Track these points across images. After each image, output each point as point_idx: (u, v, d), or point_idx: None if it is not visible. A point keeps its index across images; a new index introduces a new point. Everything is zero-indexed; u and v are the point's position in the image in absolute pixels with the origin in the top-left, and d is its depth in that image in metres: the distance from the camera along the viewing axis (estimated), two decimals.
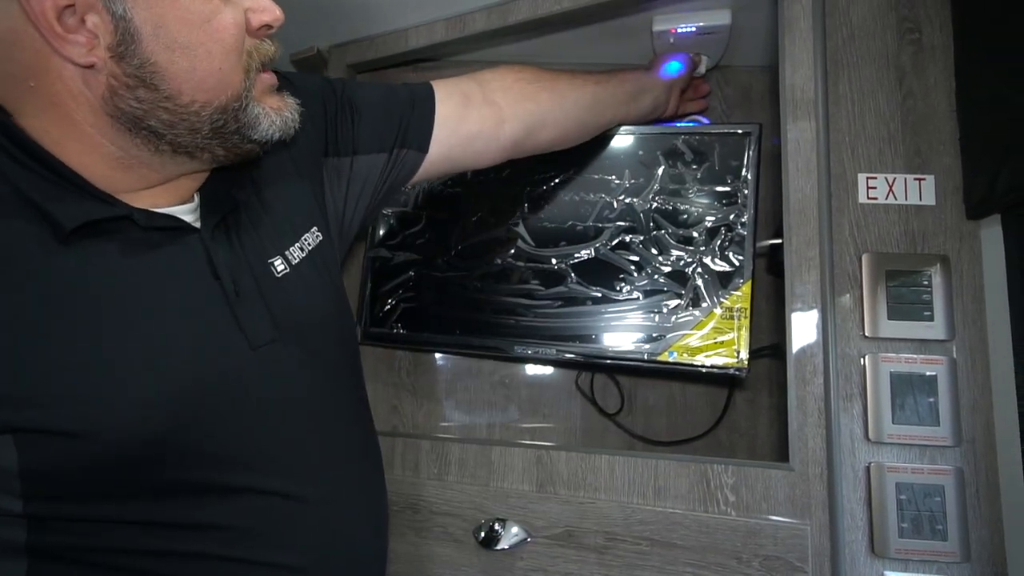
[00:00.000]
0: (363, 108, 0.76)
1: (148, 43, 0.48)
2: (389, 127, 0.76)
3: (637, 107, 1.00)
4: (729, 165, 0.99)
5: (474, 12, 1.09)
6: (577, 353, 1.02)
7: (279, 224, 0.65)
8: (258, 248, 0.62)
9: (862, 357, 0.77)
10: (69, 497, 0.50)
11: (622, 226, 1.03)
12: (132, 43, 0.48)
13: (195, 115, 0.52)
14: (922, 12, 0.82)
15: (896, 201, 0.79)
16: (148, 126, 0.51)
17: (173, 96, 0.50)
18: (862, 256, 0.79)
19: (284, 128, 0.58)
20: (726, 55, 1.13)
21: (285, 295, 0.62)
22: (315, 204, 0.70)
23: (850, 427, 0.75)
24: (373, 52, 1.18)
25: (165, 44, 0.49)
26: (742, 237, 0.97)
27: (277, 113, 0.58)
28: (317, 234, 0.68)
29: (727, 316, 0.95)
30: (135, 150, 0.52)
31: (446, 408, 1.19)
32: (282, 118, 0.58)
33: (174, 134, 0.52)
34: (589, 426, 1.15)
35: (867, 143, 0.81)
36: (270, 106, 0.57)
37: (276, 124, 0.57)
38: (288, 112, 0.59)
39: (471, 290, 1.09)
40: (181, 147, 0.53)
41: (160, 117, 0.51)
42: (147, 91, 0.50)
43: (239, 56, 0.53)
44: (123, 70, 0.48)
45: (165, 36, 0.48)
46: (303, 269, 0.65)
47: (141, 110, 0.50)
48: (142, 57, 0.48)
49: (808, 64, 0.84)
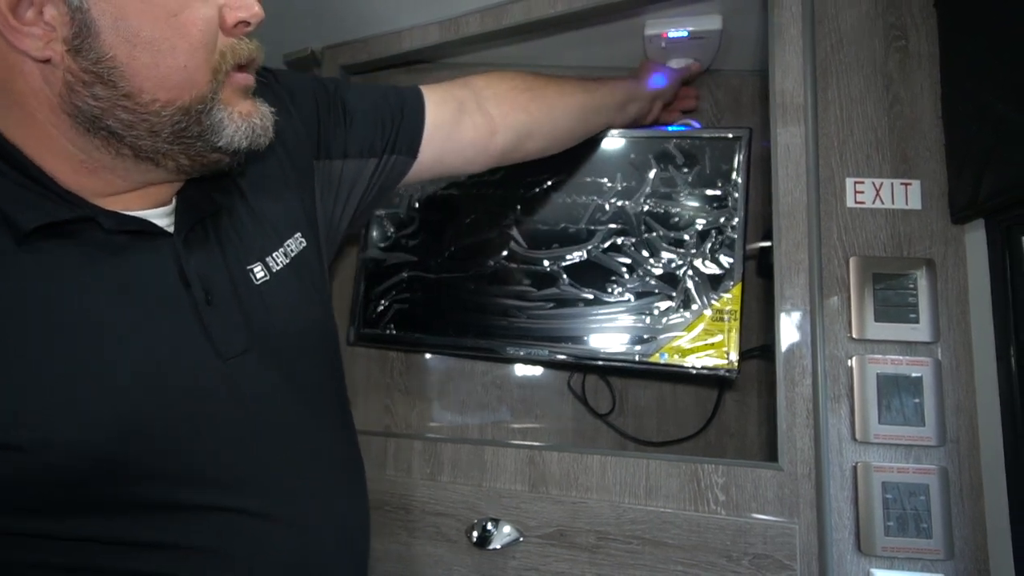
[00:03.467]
0: (355, 112, 0.74)
1: (107, 37, 0.45)
2: (380, 132, 0.74)
3: (623, 116, 1.03)
4: (720, 169, 1.01)
5: (468, 15, 1.09)
6: (569, 354, 1.03)
7: (263, 229, 0.62)
8: (238, 254, 0.59)
9: (849, 358, 0.78)
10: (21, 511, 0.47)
11: (614, 228, 1.04)
12: (89, 36, 0.45)
13: (155, 115, 0.49)
14: (909, 20, 0.83)
15: (883, 205, 0.80)
16: (107, 126, 0.48)
17: (132, 94, 0.47)
18: (850, 259, 0.80)
19: (252, 137, 0.54)
20: (717, 60, 1.15)
21: (263, 303, 0.59)
22: (302, 209, 0.68)
23: (838, 427, 0.77)
24: (367, 54, 1.18)
25: (125, 38, 0.46)
26: (732, 240, 0.98)
27: (245, 119, 0.53)
28: (301, 240, 0.66)
29: (717, 318, 0.96)
30: (96, 152, 0.50)
31: (438, 409, 1.20)
32: (249, 124, 0.53)
33: (133, 136, 0.49)
34: (581, 427, 1.16)
35: (855, 148, 0.83)
36: (238, 111, 0.53)
37: (242, 131, 0.53)
38: (257, 119, 0.54)
39: (464, 291, 1.09)
40: (143, 152, 0.50)
41: (119, 116, 0.48)
42: (104, 88, 0.47)
43: (207, 54, 0.50)
44: (80, 65, 0.46)
45: (126, 30, 0.46)
46: (285, 276, 0.62)
47: (99, 108, 0.47)
48: (99, 52, 0.46)
49: (798, 70, 0.85)
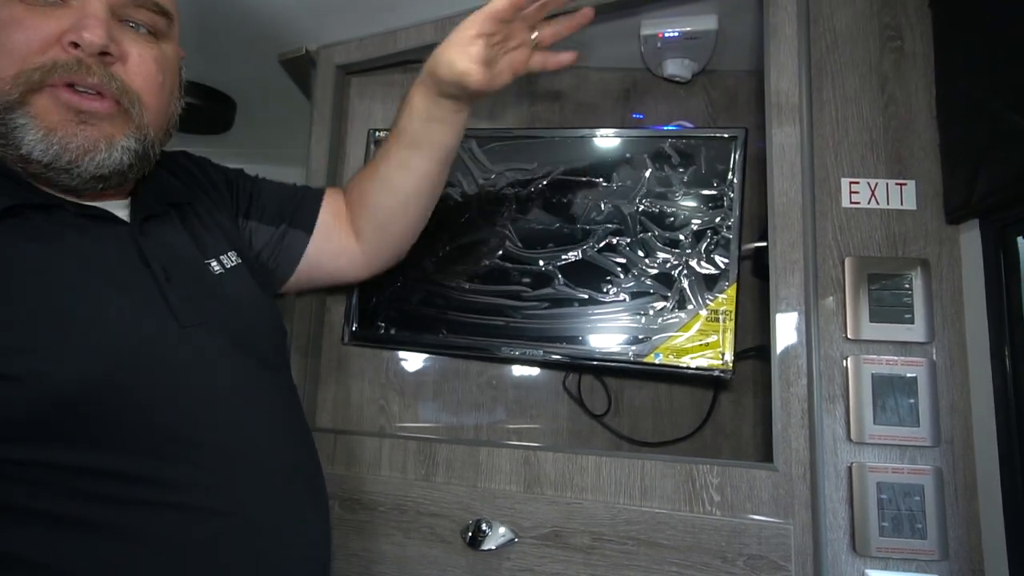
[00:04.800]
0: (263, 186, 0.87)
1: None
2: (281, 207, 0.85)
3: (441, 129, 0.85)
4: (715, 168, 1.00)
5: (462, 14, 1.08)
6: (564, 354, 1.02)
7: (215, 235, 0.71)
8: (192, 249, 0.66)
9: (845, 359, 0.78)
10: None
11: (609, 228, 1.04)
12: None
13: None
14: (904, 20, 0.83)
15: (878, 205, 0.80)
16: None
17: None
18: (845, 259, 0.80)
19: (48, 149, 0.54)
20: (712, 60, 1.14)
21: (221, 290, 0.65)
22: (236, 235, 0.77)
23: (833, 428, 0.77)
24: (361, 53, 1.18)
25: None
26: (727, 240, 0.98)
27: (47, 130, 0.54)
28: (238, 258, 0.73)
29: (712, 318, 0.96)
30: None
31: (433, 409, 1.19)
32: (48, 140, 0.54)
33: None
34: (576, 427, 1.15)
35: (850, 148, 0.83)
36: (46, 123, 0.54)
37: (38, 140, 0.54)
38: (62, 132, 0.54)
39: (459, 291, 1.09)
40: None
41: None
42: None
43: (14, 63, 0.53)
44: None
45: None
46: (239, 272, 0.70)
47: None
48: None
49: (793, 70, 0.85)
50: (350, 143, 1.25)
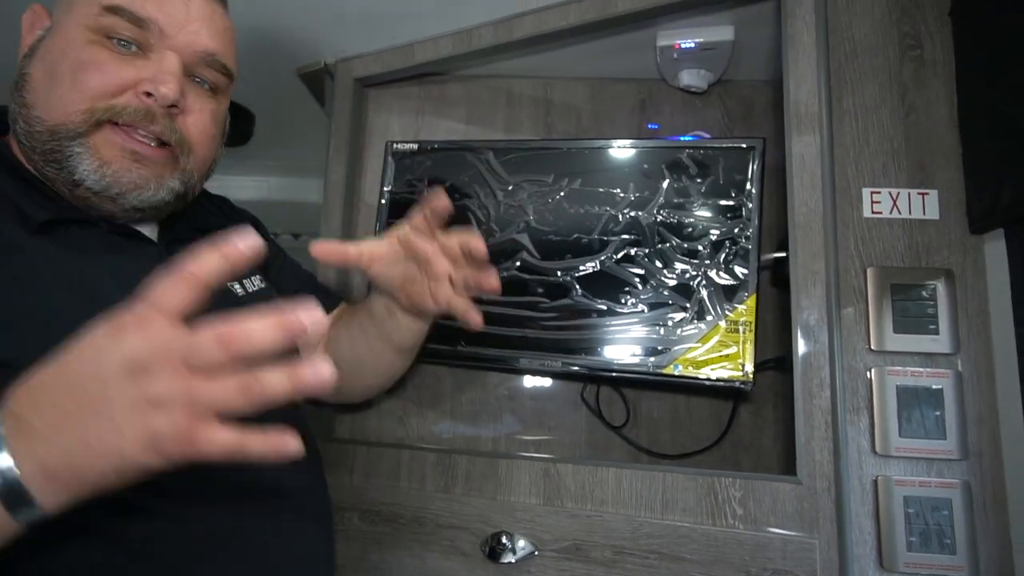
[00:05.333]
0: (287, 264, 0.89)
1: (36, 62, 0.59)
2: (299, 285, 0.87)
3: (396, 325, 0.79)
4: (733, 179, 1.00)
5: (480, 27, 1.10)
6: (582, 366, 1.02)
7: None
8: None
9: (868, 370, 0.77)
10: None
11: (627, 239, 1.03)
12: (30, 58, 0.59)
13: (33, 127, 0.57)
14: (923, 28, 0.83)
15: (900, 215, 0.80)
16: (16, 132, 0.59)
17: (28, 105, 0.58)
18: (867, 270, 0.79)
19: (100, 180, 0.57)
20: (728, 70, 1.14)
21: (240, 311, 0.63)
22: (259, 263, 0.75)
23: (857, 440, 0.76)
24: (380, 66, 1.19)
25: (44, 66, 0.58)
26: (746, 251, 0.97)
27: (102, 162, 0.57)
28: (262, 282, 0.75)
29: (732, 329, 0.96)
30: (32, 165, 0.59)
31: (451, 420, 1.19)
32: (102, 171, 0.57)
33: (27, 147, 0.58)
34: (594, 438, 1.15)
35: (871, 158, 0.82)
36: (101, 155, 0.57)
37: (92, 170, 0.57)
38: (115, 168, 0.58)
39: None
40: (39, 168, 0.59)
41: (20, 125, 0.58)
42: (18, 95, 0.59)
43: (88, 97, 0.57)
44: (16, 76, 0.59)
45: (48, 61, 0.58)
46: (261, 296, 0.72)
47: (13, 113, 0.59)
48: (26, 70, 0.59)
49: (812, 80, 0.85)
50: (368, 155, 1.26)
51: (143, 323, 0.37)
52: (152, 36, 0.58)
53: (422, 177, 1.16)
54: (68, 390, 0.37)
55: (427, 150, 1.17)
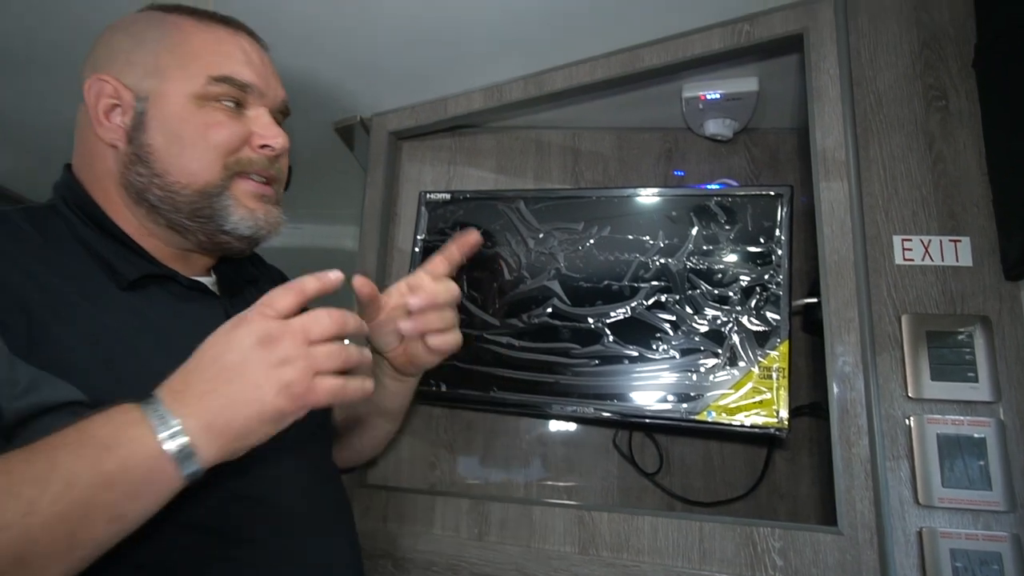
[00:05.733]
0: None
1: (152, 133, 0.62)
2: None
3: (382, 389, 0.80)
4: (762, 225, 1.01)
5: (511, 82, 1.14)
6: (614, 412, 1.02)
7: None
8: None
9: (907, 418, 0.76)
10: None
11: (657, 285, 1.05)
12: (140, 131, 0.62)
13: (177, 194, 0.63)
14: (947, 81, 0.85)
15: (933, 262, 0.80)
16: (147, 199, 0.63)
17: (162, 174, 0.62)
18: (901, 317, 0.79)
19: (255, 226, 0.66)
20: (753, 118, 1.17)
21: None
22: None
23: (899, 490, 0.75)
24: (413, 120, 1.24)
25: (164, 135, 0.62)
26: (777, 296, 0.98)
27: (249, 211, 0.66)
28: None
29: (765, 375, 0.96)
30: (145, 220, 0.64)
31: (483, 465, 1.19)
32: (254, 217, 0.66)
33: (165, 209, 0.63)
34: (627, 485, 1.14)
35: (900, 205, 0.83)
36: (245, 204, 0.66)
37: (245, 219, 0.65)
38: (261, 214, 0.66)
39: (508, 348, 1.11)
40: (173, 224, 0.64)
41: (154, 192, 0.63)
42: (144, 167, 0.62)
43: (222, 156, 0.64)
44: (131, 149, 0.63)
45: (167, 130, 0.62)
46: None
47: (142, 184, 0.63)
48: (143, 142, 0.62)
49: (838, 130, 0.87)
50: (401, 204, 1.30)
51: (265, 314, 0.50)
52: (251, 96, 0.66)
53: (454, 225, 1.19)
54: (212, 367, 0.48)
55: (459, 199, 1.20)
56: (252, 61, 0.67)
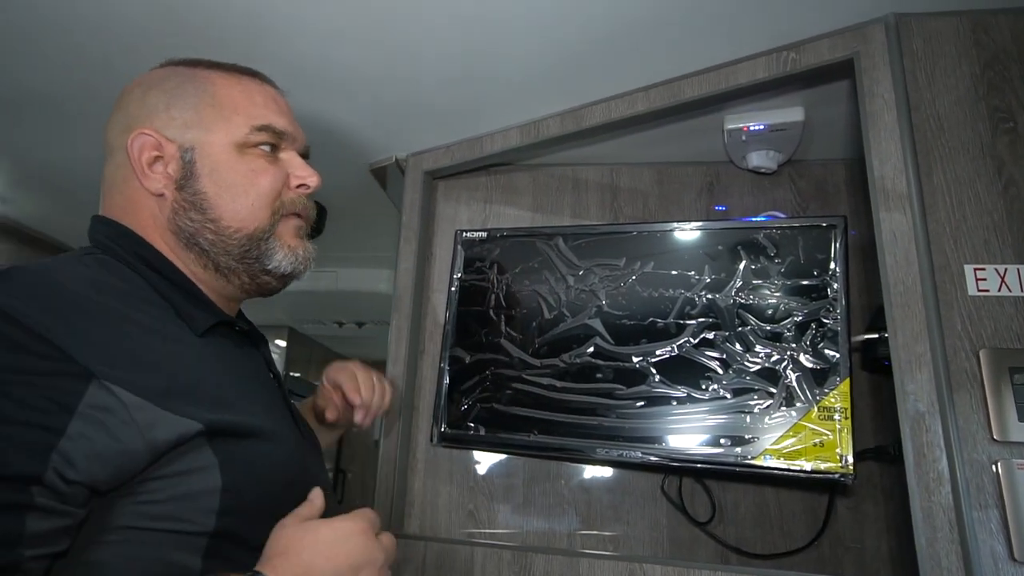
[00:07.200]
0: None
1: (203, 180, 0.65)
2: None
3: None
4: (815, 258, 0.97)
5: (548, 118, 1.13)
6: (663, 456, 0.97)
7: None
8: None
9: (993, 463, 0.70)
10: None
11: (705, 322, 1.00)
12: (191, 178, 0.65)
13: (230, 238, 0.66)
14: (1014, 101, 0.80)
15: (1011, 293, 0.75)
16: (198, 243, 0.66)
17: (216, 220, 0.65)
18: (979, 352, 0.73)
19: (295, 263, 0.70)
20: (799, 149, 1.13)
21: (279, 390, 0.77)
22: None
23: (990, 543, 0.68)
24: (449, 159, 1.23)
25: (215, 181, 0.66)
26: (834, 332, 0.92)
27: (291, 250, 0.70)
28: None
29: (825, 416, 0.90)
30: (192, 265, 0.67)
31: (524, 514, 1.14)
32: (295, 254, 0.70)
33: (215, 252, 0.66)
34: (677, 535, 1.07)
35: (970, 233, 0.78)
36: (287, 243, 0.70)
37: (288, 258, 0.69)
38: (300, 251, 0.71)
39: (549, 389, 1.06)
40: (220, 267, 0.67)
41: (206, 236, 0.66)
42: (197, 213, 0.65)
43: (270, 200, 0.68)
44: (182, 196, 0.65)
45: (217, 177, 0.66)
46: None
47: (193, 228, 0.65)
48: (196, 189, 0.65)
49: (897, 156, 0.83)
50: (436, 243, 1.29)
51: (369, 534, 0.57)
52: (284, 142, 0.70)
53: (492, 264, 1.16)
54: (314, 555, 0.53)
55: (496, 237, 1.18)
56: (282, 109, 0.71)
